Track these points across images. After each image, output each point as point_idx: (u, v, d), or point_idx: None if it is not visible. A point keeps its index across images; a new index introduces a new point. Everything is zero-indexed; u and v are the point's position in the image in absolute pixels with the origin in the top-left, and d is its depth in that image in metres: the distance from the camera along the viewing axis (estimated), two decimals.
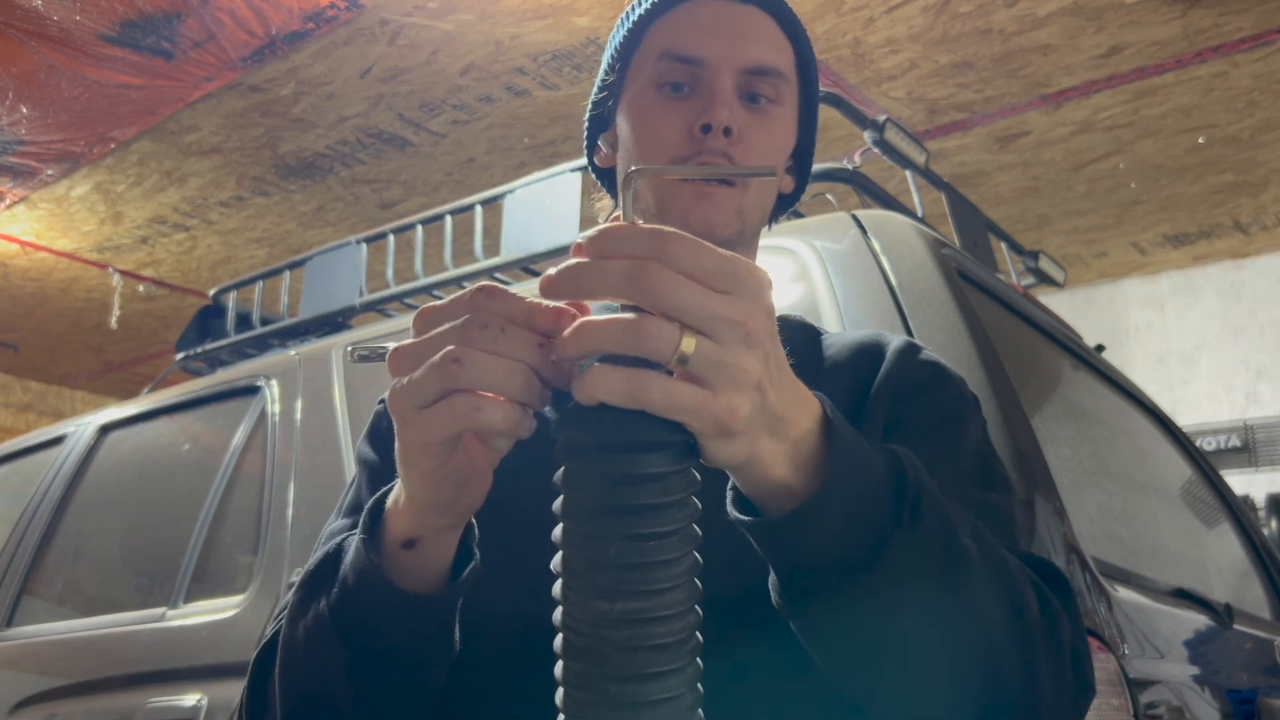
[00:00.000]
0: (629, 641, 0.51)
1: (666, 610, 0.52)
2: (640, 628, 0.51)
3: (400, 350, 0.55)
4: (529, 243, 2.11)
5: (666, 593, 0.52)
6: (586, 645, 0.52)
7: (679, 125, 0.83)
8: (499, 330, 0.52)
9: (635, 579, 0.51)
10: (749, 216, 0.85)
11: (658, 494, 0.51)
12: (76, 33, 3.53)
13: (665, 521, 0.52)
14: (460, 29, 3.61)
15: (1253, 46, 3.69)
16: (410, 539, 0.62)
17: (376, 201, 4.95)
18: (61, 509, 2.57)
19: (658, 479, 0.51)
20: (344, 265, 2.49)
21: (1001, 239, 2.21)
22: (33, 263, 5.64)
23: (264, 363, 2.35)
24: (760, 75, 0.85)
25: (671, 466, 0.52)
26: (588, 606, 0.52)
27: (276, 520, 1.93)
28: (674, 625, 0.52)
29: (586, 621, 0.52)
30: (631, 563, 0.51)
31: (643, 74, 0.87)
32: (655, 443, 0.51)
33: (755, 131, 0.85)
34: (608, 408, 0.51)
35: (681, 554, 0.53)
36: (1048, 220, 5.20)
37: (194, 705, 1.80)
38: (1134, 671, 1.18)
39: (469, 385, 0.52)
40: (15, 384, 7.85)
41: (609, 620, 0.51)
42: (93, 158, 4.47)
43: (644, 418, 0.51)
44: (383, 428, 0.88)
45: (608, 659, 0.51)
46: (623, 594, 0.51)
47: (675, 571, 0.52)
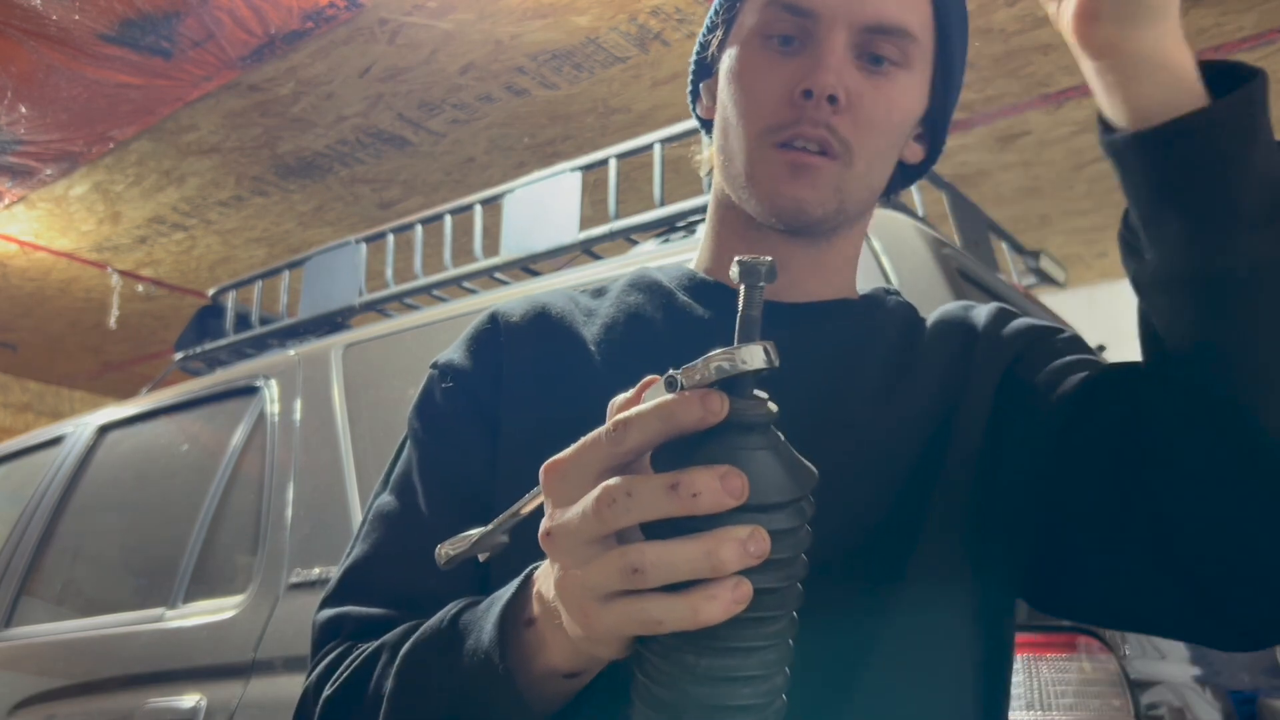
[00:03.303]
0: (711, 699, 0.47)
1: (756, 670, 0.48)
2: (725, 686, 0.47)
3: (553, 533, 0.50)
4: (528, 242, 2.10)
5: (755, 651, 0.48)
6: (667, 699, 0.48)
7: (780, 87, 0.74)
8: (625, 495, 0.47)
9: (725, 634, 0.47)
10: (851, 194, 0.76)
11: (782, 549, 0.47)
12: (75, 32, 3.53)
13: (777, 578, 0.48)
14: (460, 28, 3.61)
15: (1253, 46, 3.69)
16: (576, 671, 0.56)
17: (376, 201, 4.94)
18: (60, 509, 2.57)
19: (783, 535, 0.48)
20: (343, 265, 2.49)
21: (1002, 239, 2.21)
22: (31, 262, 5.63)
23: (263, 363, 2.35)
24: (883, 34, 0.74)
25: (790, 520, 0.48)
26: (672, 658, 0.48)
27: (276, 520, 1.93)
28: (761, 686, 0.48)
29: (668, 673, 0.48)
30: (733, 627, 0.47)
31: (750, 22, 0.77)
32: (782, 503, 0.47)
33: (870, 100, 0.74)
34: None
35: (782, 612, 0.48)
36: (1049, 220, 5.20)
37: (193, 706, 1.79)
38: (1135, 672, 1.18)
39: (656, 584, 0.47)
40: (14, 384, 7.85)
41: (693, 674, 0.47)
42: (91, 157, 4.47)
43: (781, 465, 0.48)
44: (435, 398, 0.80)
45: (686, 713, 0.48)
46: (709, 650, 0.47)
47: (772, 629, 0.48)
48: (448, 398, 0.79)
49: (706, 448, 0.47)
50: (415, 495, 0.76)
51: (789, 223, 0.76)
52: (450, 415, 0.78)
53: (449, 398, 0.79)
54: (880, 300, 0.86)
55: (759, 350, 0.47)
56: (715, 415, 0.46)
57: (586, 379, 0.76)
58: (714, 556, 0.45)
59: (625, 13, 3.51)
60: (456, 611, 0.61)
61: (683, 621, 0.45)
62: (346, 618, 0.72)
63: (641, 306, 0.81)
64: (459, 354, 0.80)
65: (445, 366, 0.80)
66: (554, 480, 0.50)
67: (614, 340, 0.78)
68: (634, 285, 0.83)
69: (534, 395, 0.76)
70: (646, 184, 1.96)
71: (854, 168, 0.75)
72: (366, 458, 1.89)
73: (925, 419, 0.75)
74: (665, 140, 1.96)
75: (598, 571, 0.47)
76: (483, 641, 0.57)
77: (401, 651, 0.63)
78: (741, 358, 0.46)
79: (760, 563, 0.46)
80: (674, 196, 1.93)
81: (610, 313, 0.81)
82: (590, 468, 0.49)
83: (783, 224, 0.76)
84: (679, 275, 0.84)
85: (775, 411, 0.48)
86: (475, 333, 0.81)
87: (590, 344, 0.78)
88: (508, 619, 0.57)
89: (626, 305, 0.81)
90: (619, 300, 0.82)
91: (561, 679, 0.56)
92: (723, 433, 0.47)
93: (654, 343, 0.78)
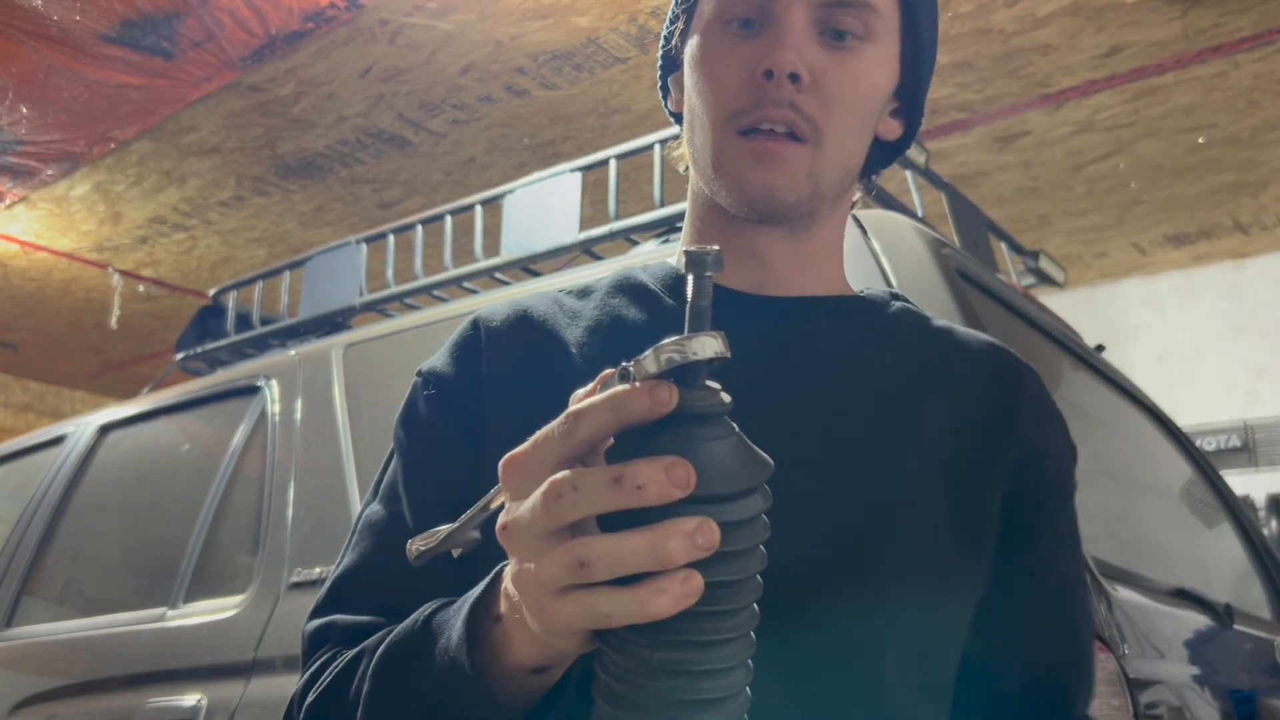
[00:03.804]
0: (670, 694, 0.47)
1: (713, 664, 0.47)
2: (681, 679, 0.47)
3: (508, 527, 0.50)
4: (529, 243, 2.11)
5: (711, 645, 0.47)
6: (625, 694, 0.48)
7: (740, 70, 0.72)
8: (571, 490, 0.47)
9: (679, 627, 0.46)
10: (823, 176, 0.74)
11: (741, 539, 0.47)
12: (76, 32, 3.53)
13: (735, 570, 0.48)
14: (460, 29, 3.61)
15: (1253, 46, 3.69)
16: (543, 666, 0.56)
17: (376, 201, 4.94)
18: (61, 509, 2.57)
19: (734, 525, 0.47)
20: (344, 265, 2.49)
21: (1002, 239, 2.21)
22: (32, 263, 5.64)
23: (264, 363, 2.35)
24: (843, 7, 0.72)
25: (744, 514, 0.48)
26: (628, 652, 0.48)
27: (276, 520, 1.93)
28: (720, 681, 0.48)
29: (624, 667, 0.48)
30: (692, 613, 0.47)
31: (708, 7, 0.75)
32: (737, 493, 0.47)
33: (833, 75, 0.72)
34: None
35: (738, 606, 0.48)
36: (1048, 220, 5.20)
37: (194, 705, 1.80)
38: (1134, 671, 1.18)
39: (604, 578, 0.47)
40: (15, 384, 7.85)
41: (648, 668, 0.47)
42: (92, 158, 4.47)
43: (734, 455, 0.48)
44: (419, 407, 0.80)
45: (644, 709, 0.47)
46: (663, 644, 0.47)
47: (727, 623, 0.47)
48: (430, 405, 0.79)
49: (658, 439, 0.47)
50: (400, 504, 0.76)
51: (761, 211, 0.74)
52: (433, 423, 0.78)
53: (431, 405, 0.79)
54: (881, 303, 0.83)
55: (709, 340, 0.47)
56: (664, 406, 0.46)
57: (569, 382, 0.75)
58: (660, 549, 0.44)
59: (625, 13, 3.51)
60: (431, 612, 0.62)
61: (630, 615, 0.45)
62: (333, 626, 0.72)
63: (625, 307, 0.80)
64: (442, 361, 0.81)
65: (428, 374, 0.80)
66: (511, 475, 0.50)
67: (597, 342, 0.78)
68: (617, 287, 0.83)
69: (517, 400, 0.76)
70: (646, 184, 1.97)
71: (823, 148, 0.73)
72: (367, 457, 1.90)
73: (947, 442, 0.74)
74: (665, 141, 1.96)
75: (548, 565, 0.47)
76: (452, 640, 0.58)
77: (377, 654, 0.63)
78: (692, 348, 0.46)
79: (711, 554, 0.45)
80: (674, 197, 1.93)
81: (594, 314, 0.80)
82: (545, 462, 0.49)
83: (755, 213, 0.75)
84: (662, 274, 0.83)
85: (728, 402, 0.48)
86: (458, 340, 0.81)
87: (573, 346, 0.78)
88: (476, 616, 0.57)
89: (610, 307, 0.80)
90: (603, 302, 0.81)
91: (529, 674, 0.56)
92: (674, 424, 0.47)
93: (637, 342, 0.77)
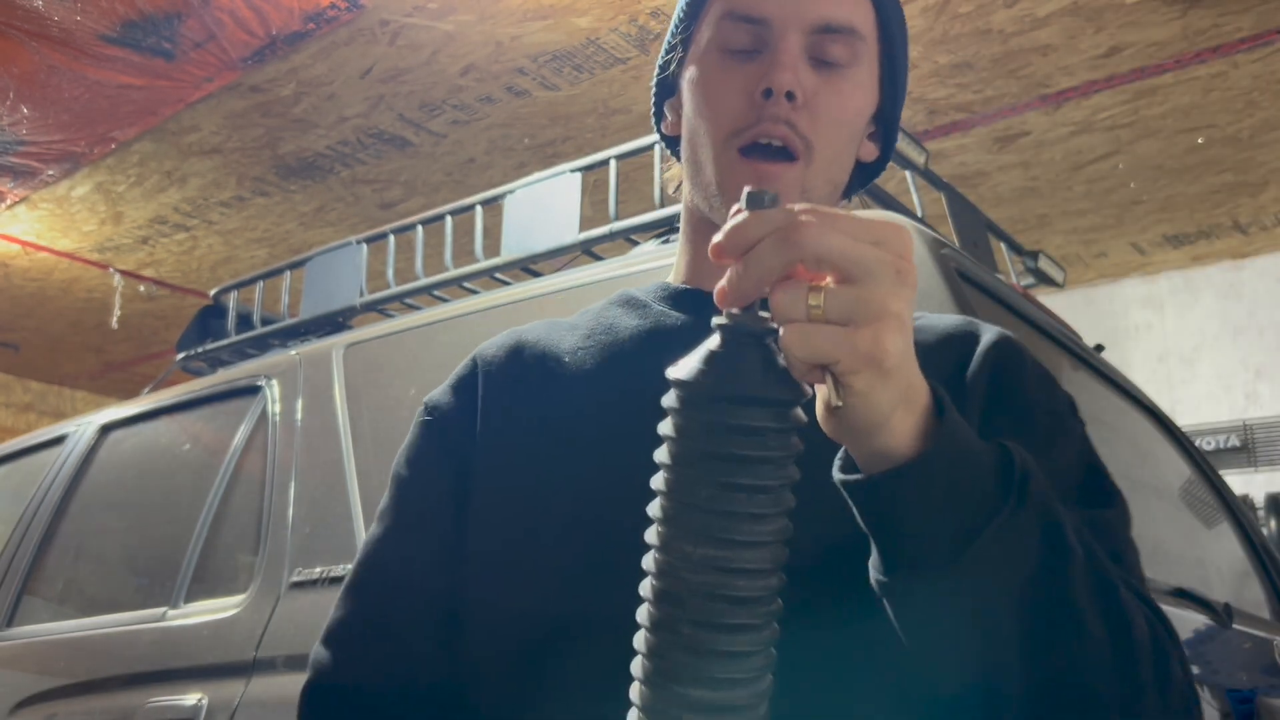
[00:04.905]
0: (707, 588, 0.53)
1: (747, 563, 0.53)
2: (719, 576, 0.52)
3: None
4: (529, 243, 2.11)
5: (749, 546, 0.53)
6: (666, 587, 0.54)
7: (740, 91, 0.78)
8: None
9: (720, 525, 0.52)
10: (815, 192, 0.79)
11: (754, 447, 0.52)
12: (77, 33, 3.54)
13: (757, 475, 0.53)
14: (460, 29, 3.61)
15: (1252, 47, 3.69)
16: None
17: (377, 202, 4.95)
18: (62, 509, 2.57)
19: (756, 433, 0.53)
20: (344, 265, 2.49)
21: (1001, 239, 2.21)
22: (33, 263, 5.64)
23: (264, 363, 2.35)
24: (831, 34, 0.78)
25: (771, 422, 0.53)
26: (672, 549, 0.53)
27: (277, 520, 1.93)
28: (754, 581, 0.53)
29: (669, 564, 0.54)
30: (718, 509, 0.52)
31: (706, 37, 0.81)
32: (759, 397, 0.52)
33: (824, 97, 0.78)
34: (727, 354, 0.53)
35: (770, 511, 0.53)
36: (1047, 220, 5.20)
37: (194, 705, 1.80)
38: None
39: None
40: (16, 384, 7.85)
41: (690, 563, 0.53)
42: (93, 158, 4.47)
43: (760, 366, 0.53)
44: (417, 440, 0.87)
45: (684, 602, 0.53)
46: (706, 539, 0.53)
47: (761, 528, 0.53)
48: (424, 438, 0.86)
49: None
50: (391, 548, 0.83)
51: None
52: (425, 456, 0.85)
53: (426, 438, 0.86)
54: None
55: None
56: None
57: (564, 397, 0.82)
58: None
59: (625, 14, 3.51)
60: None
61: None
62: (343, 698, 0.80)
63: (616, 319, 0.85)
64: (442, 396, 0.87)
65: (430, 407, 0.87)
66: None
67: (590, 350, 0.83)
68: (611, 303, 0.89)
69: (510, 428, 0.82)
70: (646, 185, 1.97)
71: (814, 164, 0.78)
72: (368, 457, 1.90)
73: None
74: None
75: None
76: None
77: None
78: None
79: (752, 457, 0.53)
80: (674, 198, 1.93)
81: (588, 326, 0.86)
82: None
83: None
84: (655, 289, 0.88)
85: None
86: (456, 377, 0.88)
87: (567, 355, 0.84)
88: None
89: (603, 320, 0.86)
90: (597, 317, 0.87)
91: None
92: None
93: (628, 350, 0.82)
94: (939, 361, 0.77)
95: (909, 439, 0.55)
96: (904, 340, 0.52)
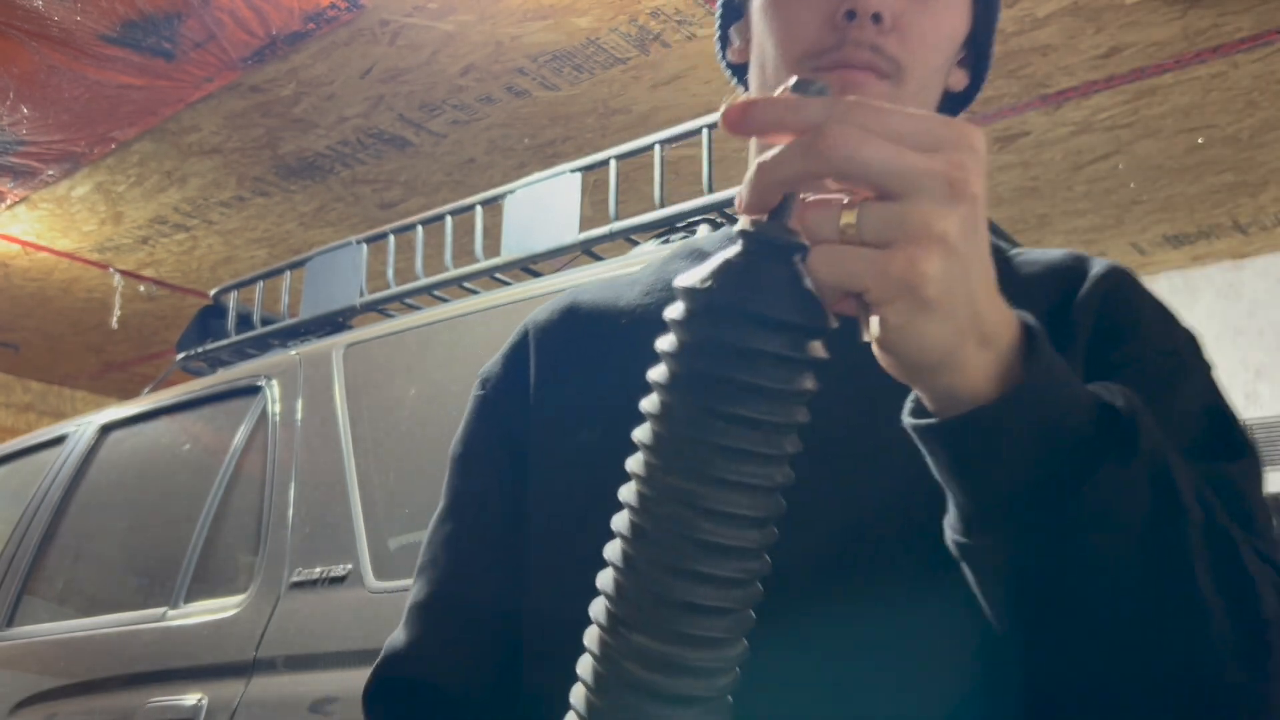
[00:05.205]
0: (675, 525, 0.45)
1: (717, 504, 0.45)
2: (692, 513, 0.45)
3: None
4: (529, 243, 2.11)
5: (722, 485, 0.45)
6: (637, 523, 0.47)
7: (818, 12, 0.69)
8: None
9: (694, 455, 0.45)
10: None
11: (747, 372, 0.44)
12: (77, 33, 3.54)
13: (745, 405, 0.45)
14: (460, 29, 3.61)
15: (1252, 47, 3.69)
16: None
17: (377, 202, 4.95)
18: (62, 509, 2.58)
19: (752, 356, 0.45)
20: (344, 265, 2.49)
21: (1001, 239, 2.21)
22: (33, 263, 5.64)
23: (264, 363, 2.35)
24: None
25: (774, 347, 0.45)
26: (648, 479, 0.46)
27: (277, 520, 1.93)
28: (723, 527, 0.45)
29: (641, 495, 0.47)
30: (692, 437, 0.45)
31: None
32: (762, 316, 0.44)
33: (914, 17, 0.69)
34: (739, 265, 0.46)
35: (756, 450, 0.45)
36: (1047, 220, 5.20)
37: (194, 705, 1.80)
38: None
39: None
40: (16, 384, 7.85)
41: (659, 496, 0.46)
42: (93, 158, 4.47)
43: (772, 282, 0.45)
44: (470, 419, 0.82)
45: (649, 539, 0.46)
46: (680, 470, 0.45)
47: (741, 467, 0.45)
48: (478, 416, 0.82)
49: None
50: (448, 537, 0.79)
51: None
52: (477, 435, 0.81)
53: (479, 416, 0.82)
54: None
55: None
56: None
57: (620, 357, 0.74)
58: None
59: (625, 14, 3.51)
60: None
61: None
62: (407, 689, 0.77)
63: (678, 270, 0.78)
64: (494, 367, 0.83)
65: (483, 379, 0.83)
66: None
67: (651, 308, 0.77)
68: (675, 255, 0.83)
69: (565, 394, 0.77)
70: (647, 185, 1.97)
71: (906, 87, 0.70)
72: (368, 457, 1.90)
73: None
74: (665, 141, 1.96)
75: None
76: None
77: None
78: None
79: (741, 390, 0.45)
80: (674, 197, 1.94)
81: (648, 281, 0.80)
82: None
83: None
84: (720, 237, 0.83)
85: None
86: (508, 346, 0.83)
87: (624, 318, 0.78)
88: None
89: (665, 274, 0.80)
90: (658, 271, 0.81)
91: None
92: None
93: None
94: (1042, 295, 0.70)
95: (986, 380, 0.48)
96: (951, 265, 0.44)
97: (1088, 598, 0.50)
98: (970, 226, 0.44)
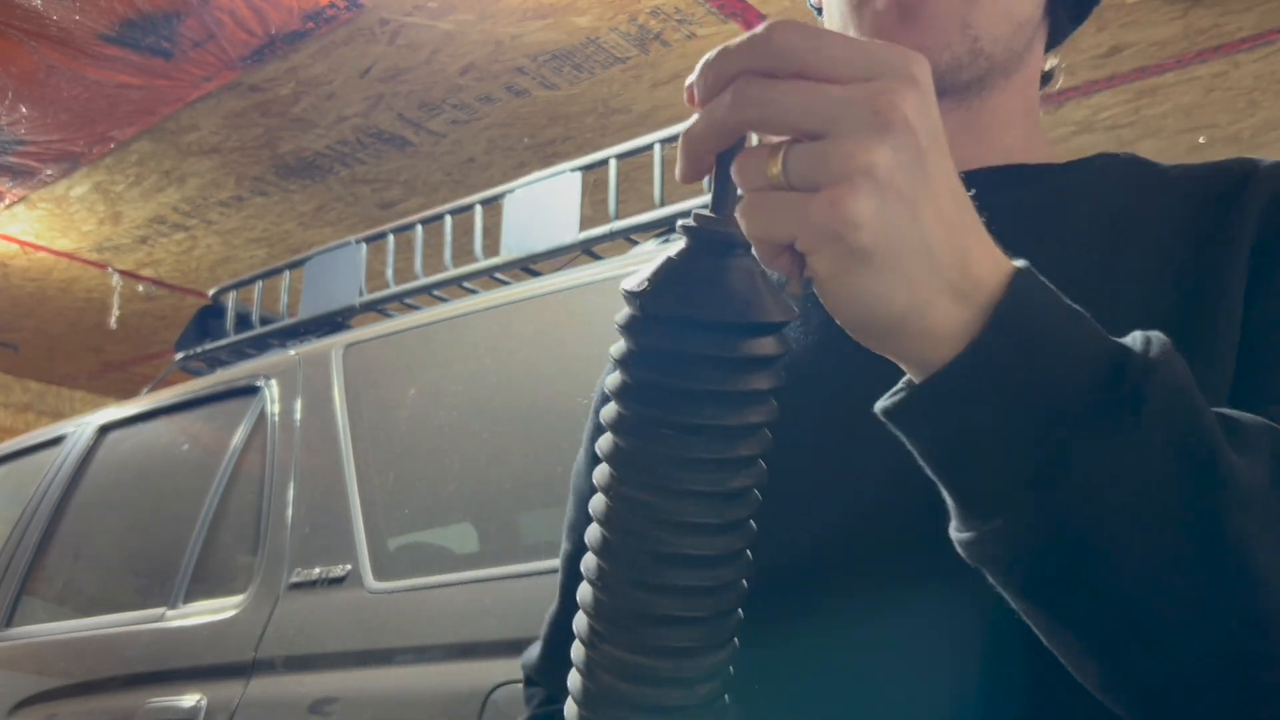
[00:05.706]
0: (632, 538, 0.44)
1: (676, 515, 0.43)
2: (643, 522, 0.44)
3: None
4: (528, 243, 2.11)
5: (682, 495, 0.43)
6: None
7: None
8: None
9: (647, 466, 0.43)
10: (984, 28, 0.63)
11: (683, 377, 0.42)
12: (76, 33, 3.53)
13: (683, 409, 0.43)
14: (460, 29, 3.61)
15: (1253, 46, 3.69)
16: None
17: (376, 201, 4.94)
18: (61, 509, 2.57)
19: (685, 360, 0.42)
20: (344, 265, 2.49)
21: None
22: (32, 263, 5.64)
23: (263, 363, 2.35)
24: None
25: (709, 349, 0.42)
26: (606, 491, 0.45)
27: (276, 520, 1.93)
28: (685, 538, 0.44)
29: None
30: (643, 447, 0.43)
31: None
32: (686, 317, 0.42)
33: None
34: (677, 261, 0.43)
35: (707, 455, 0.43)
36: None
37: (194, 705, 1.80)
38: None
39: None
40: (15, 384, 7.85)
41: (618, 507, 0.45)
42: (92, 158, 4.47)
43: (708, 276, 0.42)
44: (589, 436, 0.80)
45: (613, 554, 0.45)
46: (631, 481, 0.44)
47: (694, 475, 0.43)
48: (591, 427, 0.80)
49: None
50: (567, 563, 0.79)
51: None
52: (585, 453, 0.80)
53: (592, 426, 0.80)
54: (1079, 164, 0.70)
55: None
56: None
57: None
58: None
59: (625, 13, 3.51)
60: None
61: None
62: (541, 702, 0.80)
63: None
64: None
65: (601, 385, 0.83)
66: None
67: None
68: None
69: None
70: (646, 184, 1.97)
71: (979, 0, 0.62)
72: (367, 458, 1.90)
73: (1151, 295, 0.58)
74: (665, 140, 1.96)
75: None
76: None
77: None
78: None
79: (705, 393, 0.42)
80: (674, 197, 1.93)
81: None
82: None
83: None
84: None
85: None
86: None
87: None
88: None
89: None
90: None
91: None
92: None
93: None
94: (1181, 198, 0.61)
95: (970, 342, 0.41)
96: (887, 205, 0.38)
97: (1116, 588, 0.42)
98: (908, 160, 0.38)
